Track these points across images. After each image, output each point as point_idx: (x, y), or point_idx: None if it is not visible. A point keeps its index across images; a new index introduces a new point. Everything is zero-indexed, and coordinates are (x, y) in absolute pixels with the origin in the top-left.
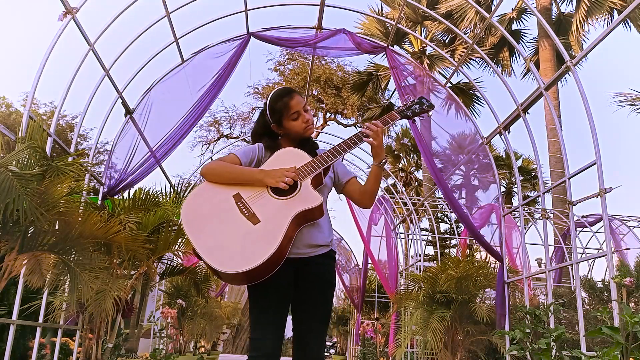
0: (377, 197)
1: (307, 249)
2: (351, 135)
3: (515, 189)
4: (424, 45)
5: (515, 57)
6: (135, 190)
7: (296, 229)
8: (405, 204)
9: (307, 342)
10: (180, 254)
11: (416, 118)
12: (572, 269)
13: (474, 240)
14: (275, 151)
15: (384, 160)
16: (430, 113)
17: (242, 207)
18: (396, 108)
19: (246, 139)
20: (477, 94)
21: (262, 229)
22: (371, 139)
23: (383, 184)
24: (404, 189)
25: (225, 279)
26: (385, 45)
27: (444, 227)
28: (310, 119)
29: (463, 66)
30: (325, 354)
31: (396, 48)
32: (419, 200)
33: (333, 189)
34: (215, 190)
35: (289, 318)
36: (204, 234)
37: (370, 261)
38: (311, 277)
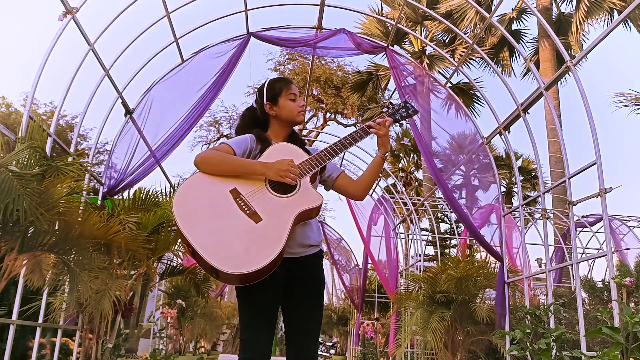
0: (376, 195)
1: (300, 249)
2: (351, 132)
3: (515, 189)
4: (424, 45)
5: (515, 57)
6: (135, 190)
7: (293, 228)
8: (405, 204)
9: (302, 343)
10: (180, 254)
11: (416, 118)
12: (572, 269)
13: (474, 240)
14: (265, 143)
15: (387, 153)
16: (414, 118)
17: (242, 204)
18: (384, 110)
19: None
20: (477, 94)
21: (265, 229)
22: (376, 130)
23: (383, 184)
24: (404, 189)
25: (221, 278)
26: (385, 45)
27: (444, 227)
28: (304, 106)
29: (463, 66)
30: (326, 354)
31: (396, 48)
32: (419, 200)
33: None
34: (210, 182)
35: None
36: (202, 230)
37: (370, 261)
38: (304, 278)
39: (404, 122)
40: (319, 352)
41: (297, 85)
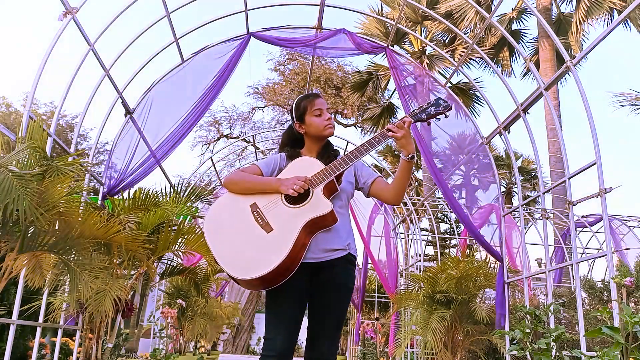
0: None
1: (323, 254)
2: (369, 138)
3: (515, 189)
4: (424, 45)
5: (515, 57)
6: (135, 190)
7: (309, 235)
8: (405, 204)
9: (319, 344)
10: (180, 254)
11: (431, 120)
12: (572, 269)
13: (474, 240)
14: (293, 160)
15: (411, 155)
16: (447, 114)
17: (257, 216)
18: (411, 110)
19: (246, 139)
20: (477, 94)
21: (274, 237)
22: (393, 133)
23: None
24: None
25: (242, 285)
26: (385, 45)
27: (444, 227)
28: (332, 119)
29: (463, 66)
30: None
31: (396, 48)
32: (419, 200)
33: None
34: (234, 200)
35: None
36: (221, 242)
37: (370, 261)
38: (326, 281)
39: (434, 119)
40: None
41: (297, 85)
